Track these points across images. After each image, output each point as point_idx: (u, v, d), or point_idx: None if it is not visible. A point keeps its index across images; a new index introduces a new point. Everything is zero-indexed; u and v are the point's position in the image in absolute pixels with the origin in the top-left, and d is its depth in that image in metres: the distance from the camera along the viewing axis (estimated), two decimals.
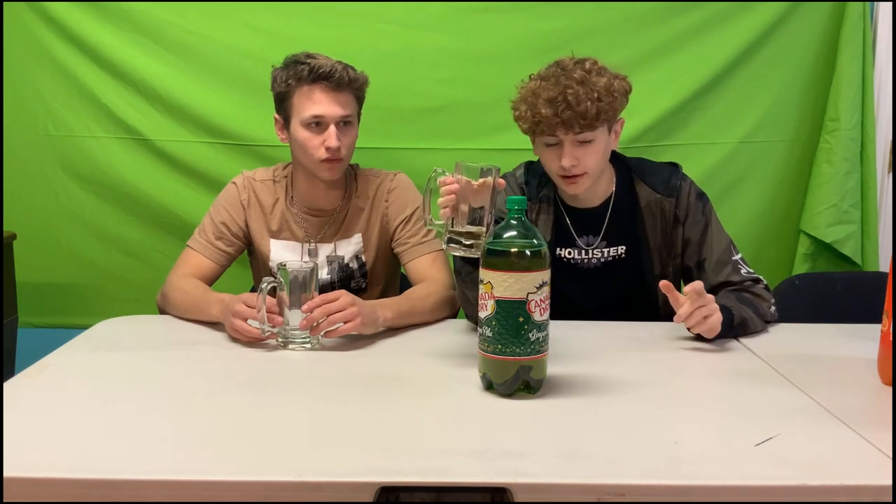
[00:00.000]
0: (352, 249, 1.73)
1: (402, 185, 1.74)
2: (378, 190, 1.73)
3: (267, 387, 1.20)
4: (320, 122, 1.60)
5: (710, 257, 1.60)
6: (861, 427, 1.03)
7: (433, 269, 1.66)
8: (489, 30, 2.15)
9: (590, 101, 1.45)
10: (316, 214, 1.73)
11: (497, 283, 1.09)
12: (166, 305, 1.60)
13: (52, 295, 2.26)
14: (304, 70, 1.59)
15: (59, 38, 2.14)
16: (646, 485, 0.88)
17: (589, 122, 1.47)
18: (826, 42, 2.22)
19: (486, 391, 1.15)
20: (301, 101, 1.61)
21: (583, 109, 1.45)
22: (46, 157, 2.20)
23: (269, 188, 1.73)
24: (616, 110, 1.52)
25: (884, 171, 2.32)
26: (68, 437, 0.98)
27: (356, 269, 1.74)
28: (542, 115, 1.47)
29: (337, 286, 1.73)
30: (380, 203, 1.73)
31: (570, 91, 1.46)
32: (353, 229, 1.73)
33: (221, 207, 1.71)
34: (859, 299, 1.62)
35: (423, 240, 1.70)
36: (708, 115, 2.22)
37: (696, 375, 1.30)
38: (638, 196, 1.62)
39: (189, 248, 1.69)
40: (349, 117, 1.64)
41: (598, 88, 1.47)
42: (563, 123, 1.47)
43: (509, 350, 1.10)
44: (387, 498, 0.86)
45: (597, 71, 1.50)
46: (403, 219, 1.71)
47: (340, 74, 1.60)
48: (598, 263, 1.64)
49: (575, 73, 1.48)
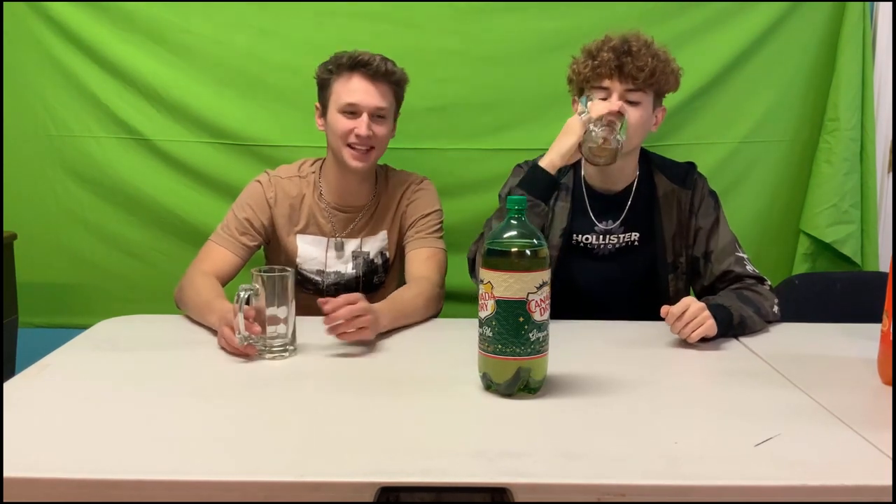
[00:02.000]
0: (377, 246, 1.77)
1: (427, 189, 1.80)
2: (406, 191, 1.78)
3: (267, 387, 1.20)
4: (355, 110, 1.66)
5: (716, 248, 1.64)
6: (861, 427, 1.03)
7: (425, 267, 1.68)
8: (489, 30, 2.15)
9: (650, 58, 1.55)
10: (344, 210, 1.76)
11: (497, 283, 1.09)
12: (182, 301, 1.60)
13: (52, 295, 2.26)
14: (343, 58, 1.67)
15: (60, 38, 2.13)
16: (646, 485, 0.88)
17: (644, 76, 1.55)
18: (826, 42, 2.21)
19: (486, 391, 1.15)
20: (339, 88, 1.67)
21: (642, 63, 1.54)
22: (47, 157, 2.19)
23: (295, 184, 1.76)
24: (668, 81, 1.60)
25: (884, 171, 2.31)
26: (68, 437, 0.98)
27: (380, 265, 1.79)
28: (603, 58, 1.55)
29: (361, 280, 1.78)
30: (404, 203, 1.78)
31: (633, 44, 1.56)
32: (380, 227, 1.77)
33: (245, 204, 1.73)
34: (859, 299, 1.62)
35: (428, 235, 1.73)
36: (708, 115, 2.22)
37: (696, 375, 1.30)
38: (656, 185, 1.67)
39: (212, 242, 1.71)
40: (383, 111, 1.68)
41: (659, 53, 1.57)
42: (620, 69, 1.55)
43: (509, 350, 1.10)
44: (387, 498, 0.86)
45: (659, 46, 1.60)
46: (420, 216, 1.75)
47: (378, 64, 1.66)
48: (613, 248, 1.67)
49: (641, 37, 1.58)
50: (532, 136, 2.15)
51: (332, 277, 1.77)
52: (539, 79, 2.14)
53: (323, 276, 1.77)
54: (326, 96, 1.70)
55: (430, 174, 1.88)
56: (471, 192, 2.18)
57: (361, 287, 1.78)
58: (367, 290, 1.78)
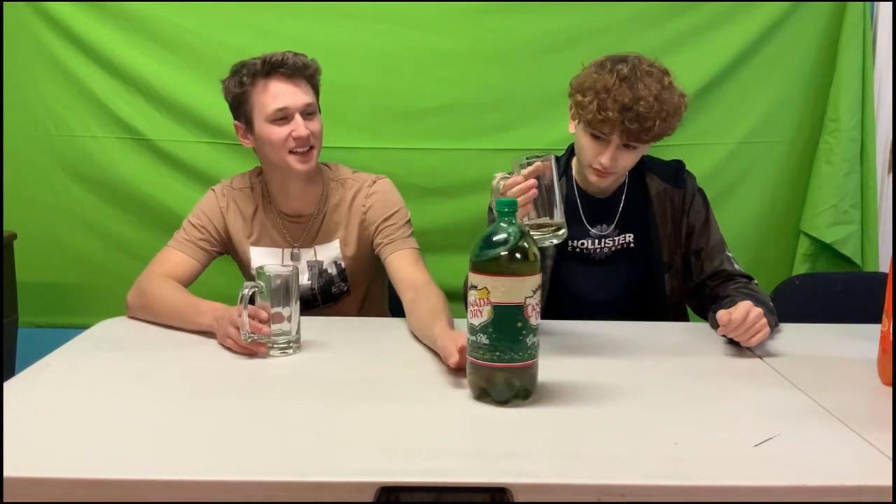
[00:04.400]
0: (331, 255, 1.71)
1: (382, 191, 1.70)
2: (357, 196, 1.69)
3: (267, 387, 1.20)
4: (285, 114, 1.58)
5: (706, 246, 1.64)
6: (861, 427, 1.03)
7: (418, 271, 1.60)
8: (489, 30, 2.15)
9: (659, 120, 1.45)
10: (294, 220, 1.70)
11: (494, 288, 1.06)
12: (145, 308, 1.53)
13: (52, 295, 2.26)
14: (256, 64, 1.58)
15: (60, 38, 2.14)
16: (646, 485, 0.88)
17: (649, 138, 1.48)
18: (826, 42, 2.22)
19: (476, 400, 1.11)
20: (259, 97, 1.59)
21: (649, 126, 1.45)
22: (47, 157, 2.20)
23: (247, 196, 1.70)
24: (673, 129, 1.52)
25: (884, 172, 2.31)
26: (68, 437, 0.98)
27: (335, 275, 1.72)
28: (609, 117, 1.45)
29: (318, 292, 1.72)
30: (357, 209, 1.69)
31: (643, 104, 1.43)
32: (332, 234, 1.70)
33: (200, 212, 1.69)
34: (859, 299, 1.62)
35: (402, 237, 1.66)
36: (708, 115, 2.22)
37: (696, 375, 1.29)
38: (648, 186, 1.65)
39: (167, 248, 1.65)
40: (311, 106, 1.62)
41: (669, 108, 1.46)
42: (626, 132, 1.46)
43: (507, 356, 1.07)
44: (387, 498, 0.86)
45: (669, 87, 1.48)
46: (383, 219, 1.67)
47: (293, 61, 1.58)
48: (609, 252, 1.66)
49: (652, 86, 1.45)
50: (532, 136, 2.15)
51: None
52: (539, 79, 2.15)
53: None
54: (247, 110, 1.61)
55: (430, 174, 1.88)
56: (471, 192, 2.18)
57: (320, 299, 1.73)
58: (326, 300, 1.73)
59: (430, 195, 2.16)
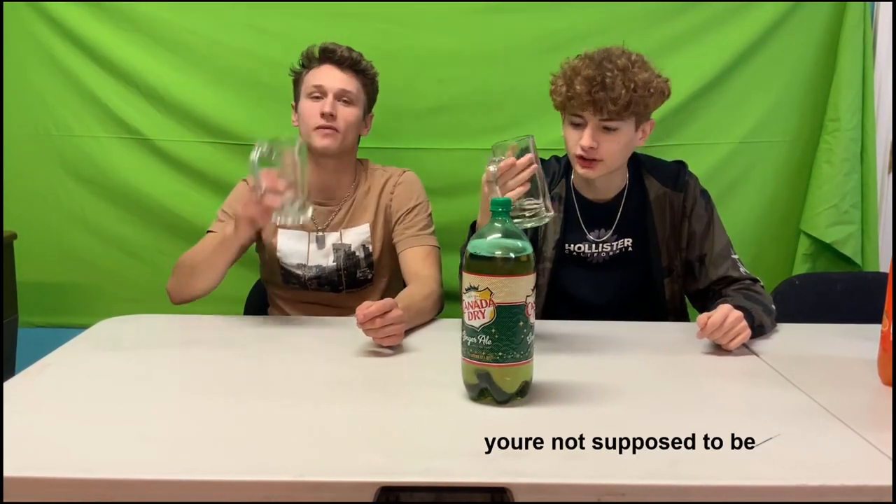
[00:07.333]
0: (359, 238, 1.76)
1: (409, 181, 1.80)
2: (386, 183, 1.79)
3: (267, 387, 1.20)
4: (320, 91, 1.70)
5: (710, 252, 1.62)
6: (861, 427, 1.03)
7: (426, 266, 1.69)
8: (489, 30, 2.15)
9: (625, 90, 1.46)
10: (323, 203, 1.76)
11: (497, 288, 1.06)
12: (184, 276, 1.61)
13: (52, 295, 2.26)
14: (314, 51, 1.73)
15: (60, 38, 2.13)
16: (646, 485, 0.88)
17: (618, 109, 1.48)
18: (826, 42, 2.21)
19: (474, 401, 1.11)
20: (307, 78, 1.73)
21: (616, 95, 1.46)
22: (47, 157, 2.19)
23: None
24: (648, 107, 1.53)
25: (884, 172, 2.31)
26: (68, 437, 0.98)
27: (362, 259, 1.77)
28: (576, 90, 1.48)
29: (343, 273, 1.76)
30: (386, 196, 1.78)
31: (608, 74, 1.46)
32: (361, 219, 1.77)
33: (233, 200, 1.75)
34: (859, 299, 1.62)
35: (419, 233, 1.73)
36: (708, 115, 2.22)
37: (697, 375, 1.30)
38: (647, 189, 1.64)
39: (208, 233, 1.71)
40: (349, 94, 1.71)
41: (637, 80, 1.48)
42: (593, 103, 1.48)
43: (510, 356, 1.08)
44: (387, 498, 0.86)
45: (641, 65, 1.51)
46: (405, 210, 1.76)
47: (343, 52, 1.72)
48: (608, 256, 1.65)
49: (619, 61, 1.48)
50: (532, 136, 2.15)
51: (313, 271, 1.76)
52: (539, 79, 2.11)
53: (304, 269, 1.76)
54: (299, 91, 1.75)
55: (430, 174, 1.88)
56: (471, 192, 2.15)
57: (344, 282, 1.77)
58: (350, 286, 1.78)
59: (430, 195, 2.15)
